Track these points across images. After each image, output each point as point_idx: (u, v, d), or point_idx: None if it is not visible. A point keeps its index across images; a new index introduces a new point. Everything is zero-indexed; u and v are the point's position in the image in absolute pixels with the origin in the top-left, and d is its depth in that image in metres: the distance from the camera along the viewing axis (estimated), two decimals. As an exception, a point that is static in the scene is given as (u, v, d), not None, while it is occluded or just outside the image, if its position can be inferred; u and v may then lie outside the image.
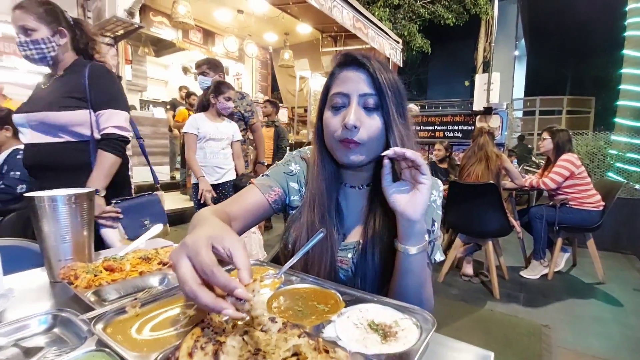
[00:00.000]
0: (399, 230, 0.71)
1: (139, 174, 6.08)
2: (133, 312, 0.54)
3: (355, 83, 0.75)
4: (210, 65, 3.07)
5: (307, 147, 0.99)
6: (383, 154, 0.68)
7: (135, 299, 0.62)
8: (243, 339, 0.44)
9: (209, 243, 0.47)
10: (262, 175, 0.93)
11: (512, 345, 2.14)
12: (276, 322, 0.49)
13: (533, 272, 3.28)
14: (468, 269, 3.21)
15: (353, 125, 0.73)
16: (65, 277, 0.68)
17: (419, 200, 0.67)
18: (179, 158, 6.38)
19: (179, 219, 5.04)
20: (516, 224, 3.20)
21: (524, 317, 2.51)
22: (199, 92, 3.18)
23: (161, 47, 8.36)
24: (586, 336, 2.29)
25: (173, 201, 5.71)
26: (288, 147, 4.99)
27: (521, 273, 3.32)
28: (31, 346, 0.49)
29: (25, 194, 0.73)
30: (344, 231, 0.86)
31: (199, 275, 0.44)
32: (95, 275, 0.69)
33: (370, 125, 0.75)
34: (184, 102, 6.60)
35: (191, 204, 5.51)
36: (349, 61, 0.78)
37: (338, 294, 0.63)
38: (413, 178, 0.68)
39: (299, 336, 0.46)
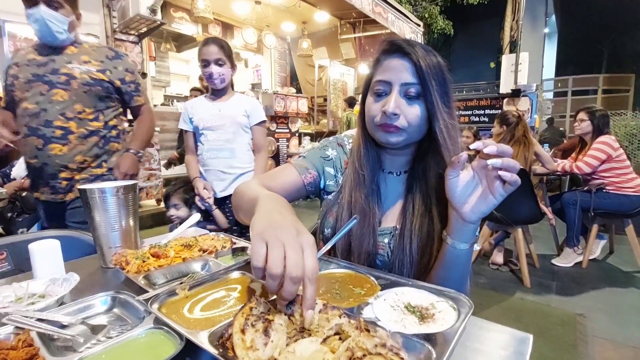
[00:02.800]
0: (451, 224, 0.70)
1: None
2: (183, 294, 0.58)
3: (398, 72, 0.76)
4: None
5: (343, 134, 1.01)
6: (472, 146, 0.60)
7: (181, 282, 0.66)
8: (289, 318, 0.47)
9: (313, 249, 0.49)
10: (299, 157, 0.96)
11: (545, 334, 2.09)
12: (317, 303, 0.51)
13: (566, 260, 3.17)
14: (498, 257, 3.15)
15: (392, 113, 0.74)
16: (117, 263, 0.74)
17: (482, 208, 0.63)
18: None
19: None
20: (547, 210, 3.09)
21: (557, 306, 2.45)
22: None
23: (182, 42, 8.53)
24: (626, 326, 2.20)
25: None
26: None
27: (553, 261, 3.22)
28: (96, 324, 0.54)
29: (79, 187, 0.79)
30: (380, 217, 0.87)
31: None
32: (144, 261, 0.74)
33: (409, 113, 0.76)
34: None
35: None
36: (394, 49, 0.78)
37: (373, 278, 0.65)
38: (490, 185, 0.62)
39: (340, 316, 0.48)
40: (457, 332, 0.46)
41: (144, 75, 4.97)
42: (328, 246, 0.73)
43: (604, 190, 3.00)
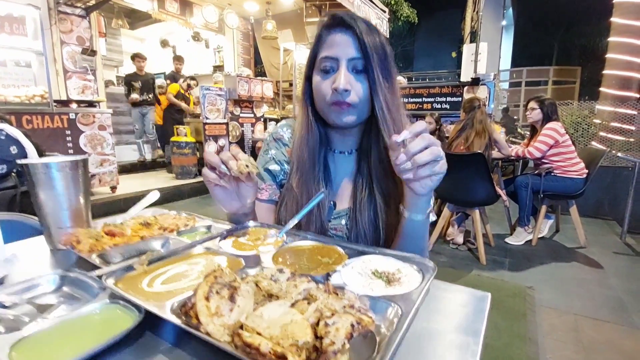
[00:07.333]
0: (405, 198, 0.71)
1: (121, 153, 5.99)
2: (141, 269, 0.55)
3: (344, 47, 0.76)
4: None
5: (278, 126, 0.99)
6: (398, 139, 0.58)
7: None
8: (256, 285, 0.45)
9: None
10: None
11: (498, 306, 2.25)
12: (284, 272, 0.50)
13: (518, 239, 3.41)
14: (459, 237, 3.32)
15: (344, 89, 0.74)
16: (68, 243, 0.68)
17: (428, 182, 0.63)
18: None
19: (168, 198, 5.01)
20: (502, 192, 3.29)
21: (509, 280, 2.63)
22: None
23: (136, 18, 7.97)
24: (568, 296, 2.42)
25: (159, 180, 5.66)
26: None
27: (506, 240, 3.45)
28: (44, 303, 0.50)
29: (19, 161, 0.71)
30: (334, 199, 0.88)
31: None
32: (97, 240, 0.69)
33: (359, 88, 0.76)
34: (181, 75, 6.49)
35: (179, 182, 5.50)
36: (336, 23, 0.78)
37: (340, 248, 0.65)
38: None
39: (308, 282, 0.48)
40: (422, 293, 0.48)
41: (92, 52, 4.60)
42: (295, 220, 0.72)
43: (552, 174, 3.24)
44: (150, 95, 6.27)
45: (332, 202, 0.87)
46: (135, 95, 6.05)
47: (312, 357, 0.35)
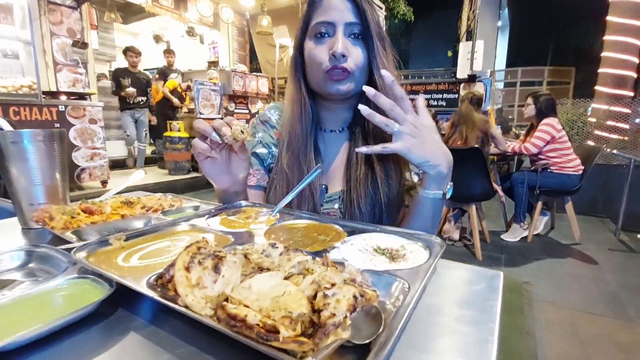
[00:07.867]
0: (422, 175, 0.68)
1: (113, 148, 5.88)
2: (118, 244, 0.49)
3: (341, 11, 0.72)
4: None
5: (265, 108, 0.95)
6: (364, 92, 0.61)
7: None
8: (245, 257, 0.40)
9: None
10: None
11: (495, 301, 2.22)
12: (277, 247, 0.45)
13: (513, 235, 3.39)
14: (455, 234, 3.29)
15: (341, 54, 0.70)
16: (39, 219, 0.62)
17: (422, 145, 0.62)
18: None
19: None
20: (498, 188, 3.27)
21: (505, 276, 2.60)
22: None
23: (129, 12, 7.82)
24: (565, 291, 2.40)
25: (152, 175, 5.56)
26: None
27: (502, 236, 3.42)
28: (5, 279, 0.44)
29: (-15, 129, 0.65)
30: (325, 182, 0.83)
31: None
32: (73, 218, 0.63)
33: (357, 55, 0.73)
34: (173, 69, 6.31)
35: (172, 177, 5.41)
36: None
37: (338, 226, 0.60)
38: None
39: (303, 255, 0.42)
40: (429, 269, 0.43)
41: (84, 45, 4.49)
42: (289, 197, 0.67)
43: (548, 170, 3.22)
44: (144, 98, 5.59)
45: (323, 186, 0.82)
46: (131, 89, 5.30)
47: (309, 332, 0.30)
